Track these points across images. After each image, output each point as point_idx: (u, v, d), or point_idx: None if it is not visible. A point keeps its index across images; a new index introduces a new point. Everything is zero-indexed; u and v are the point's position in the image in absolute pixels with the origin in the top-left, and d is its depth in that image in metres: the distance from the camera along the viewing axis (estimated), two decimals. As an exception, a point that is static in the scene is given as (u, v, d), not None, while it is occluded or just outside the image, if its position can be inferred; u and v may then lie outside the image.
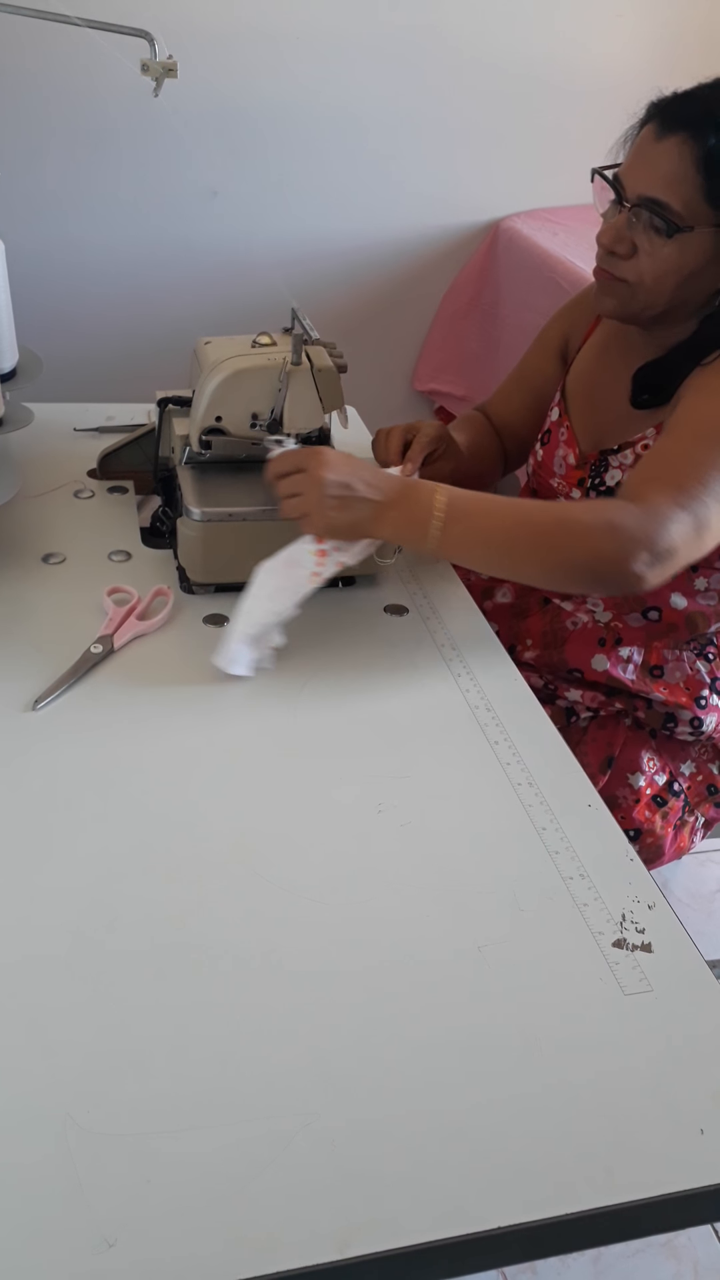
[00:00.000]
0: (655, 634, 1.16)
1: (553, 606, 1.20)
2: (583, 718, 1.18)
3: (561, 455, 1.17)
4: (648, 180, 0.96)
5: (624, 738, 1.16)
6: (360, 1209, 0.55)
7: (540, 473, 1.21)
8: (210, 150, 2.01)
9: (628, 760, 1.15)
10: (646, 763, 1.15)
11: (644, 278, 1.00)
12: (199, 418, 1.03)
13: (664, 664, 1.16)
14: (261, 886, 0.72)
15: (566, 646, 1.18)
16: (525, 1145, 0.58)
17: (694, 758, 1.20)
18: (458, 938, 0.70)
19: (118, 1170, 0.55)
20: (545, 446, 1.21)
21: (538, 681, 1.19)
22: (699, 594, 1.14)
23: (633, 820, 1.12)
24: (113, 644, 0.93)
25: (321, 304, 2.22)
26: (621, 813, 1.12)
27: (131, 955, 0.67)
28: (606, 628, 1.17)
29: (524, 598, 1.23)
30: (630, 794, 1.13)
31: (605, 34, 2.10)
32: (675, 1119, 0.60)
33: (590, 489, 1.14)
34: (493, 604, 1.25)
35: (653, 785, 1.15)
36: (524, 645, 1.20)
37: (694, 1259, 1.26)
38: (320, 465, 0.90)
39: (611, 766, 1.14)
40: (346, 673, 0.94)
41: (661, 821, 1.14)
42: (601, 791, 1.12)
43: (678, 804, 1.16)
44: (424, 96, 2.07)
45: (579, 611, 1.18)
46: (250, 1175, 0.56)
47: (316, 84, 2.01)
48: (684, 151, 0.94)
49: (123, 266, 2.10)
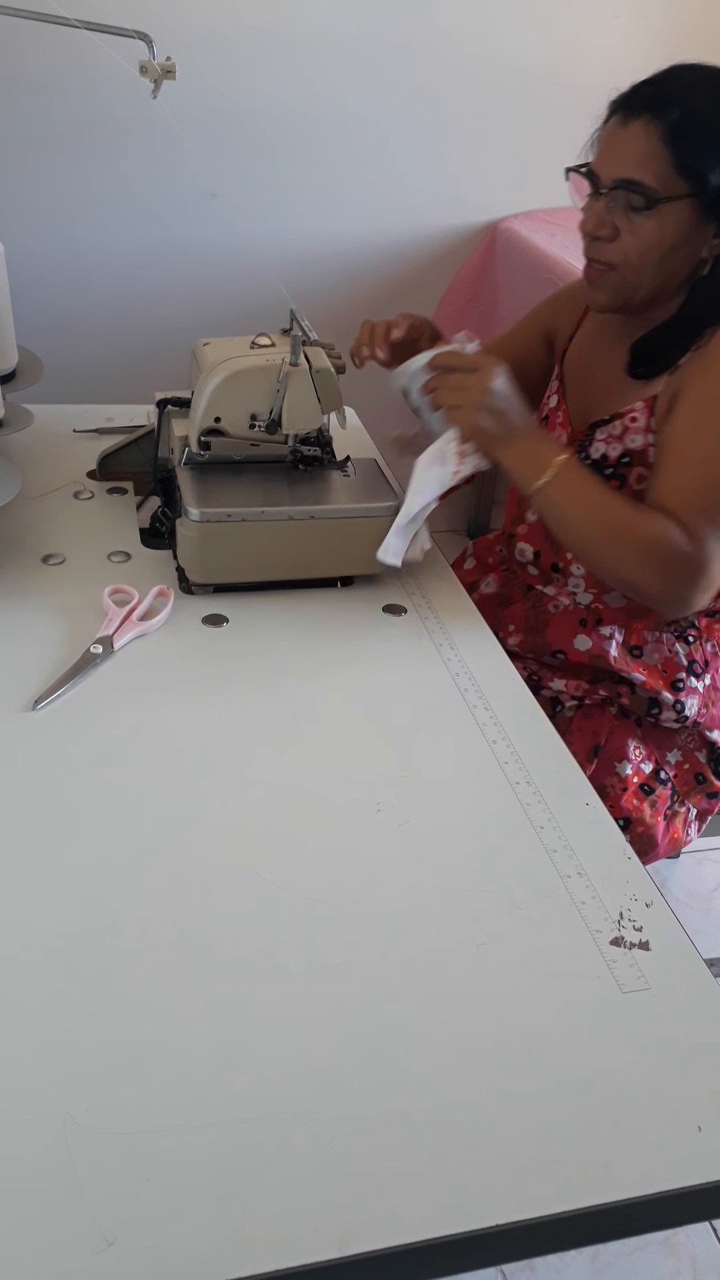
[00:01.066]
0: (636, 614, 1.17)
1: (534, 593, 1.22)
2: (568, 707, 1.19)
3: (556, 436, 1.19)
4: (619, 164, 1.00)
5: (610, 726, 1.17)
6: (359, 1206, 0.55)
7: None
8: (209, 152, 2.01)
9: (614, 749, 1.16)
10: (633, 751, 1.16)
11: (629, 256, 1.02)
12: (198, 418, 1.03)
13: (644, 644, 1.17)
14: (260, 885, 0.72)
15: (549, 630, 1.19)
16: (523, 1143, 0.59)
17: (680, 746, 1.21)
18: (456, 936, 0.70)
19: (117, 1168, 0.55)
20: (542, 423, 1.22)
21: (522, 671, 1.19)
22: None
23: (621, 809, 1.13)
24: (112, 644, 0.93)
25: (320, 305, 2.22)
26: (610, 801, 1.13)
27: (130, 954, 0.67)
28: (587, 609, 1.18)
29: (508, 586, 1.25)
30: (618, 782, 1.14)
31: (602, 35, 2.10)
32: (673, 1116, 0.60)
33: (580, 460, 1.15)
34: (479, 595, 1.27)
35: (639, 774, 1.15)
36: (506, 631, 1.22)
37: (692, 1257, 1.26)
38: (493, 375, 0.99)
39: (598, 755, 1.15)
40: (345, 672, 0.95)
41: (650, 810, 1.15)
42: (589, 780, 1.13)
43: (666, 792, 1.17)
44: (422, 98, 2.07)
45: (560, 595, 1.20)
46: (249, 1173, 0.56)
47: (315, 85, 2.01)
48: (650, 131, 0.98)
49: (122, 268, 2.10)
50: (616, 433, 1.11)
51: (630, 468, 1.10)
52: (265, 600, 1.03)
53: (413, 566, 1.11)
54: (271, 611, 1.02)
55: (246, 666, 0.94)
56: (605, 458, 1.12)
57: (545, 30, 2.06)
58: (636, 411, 1.10)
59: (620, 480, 1.11)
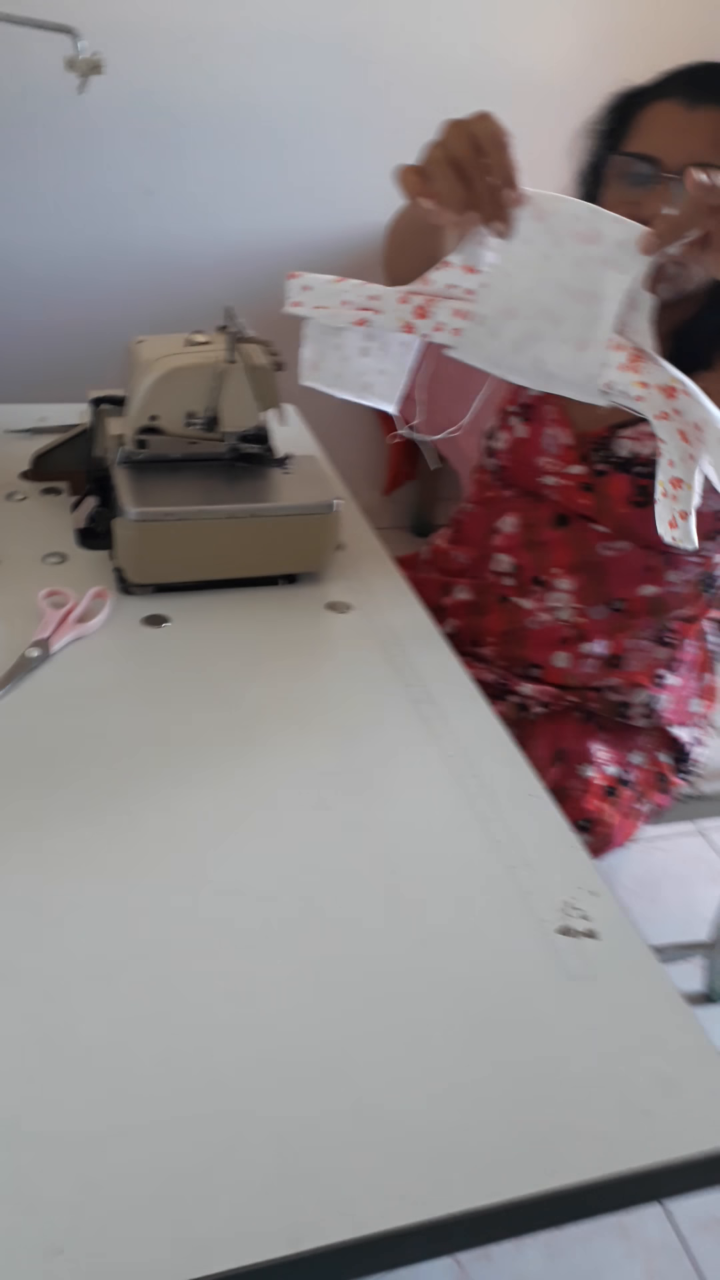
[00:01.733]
0: (619, 625, 1.17)
1: (511, 604, 1.20)
2: (534, 712, 1.19)
3: (552, 435, 1.15)
4: (694, 147, 0.95)
5: (574, 729, 1.17)
6: (311, 1202, 0.55)
7: (522, 450, 1.18)
8: (144, 148, 1.99)
9: (578, 752, 1.16)
10: (597, 754, 1.16)
11: None
12: (134, 416, 1.02)
13: (624, 653, 1.17)
14: (205, 886, 0.72)
15: (528, 645, 1.18)
16: (473, 1132, 0.59)
17: (641, 747, 1.21)
18: (403, 931, 0.70)
19: (62, 1175, 0.54)
20: (528, 424, 1.18)
21: (490, 677, 1.19)
22: (669, 585, 1.16)
23: (583, 811, 1.13)
24: (49, 647, 0.92)
25: (257, 302, 2.21)
26: (572, 803, 1.13)
27: (70, 956, 0.66)
28: (570, 625, 1.17)
29: (482, 595, 1.23)
30: (580, 785, 1.14)
31: (537, 33, 2.12)
32: (621, 1101, 0.61)
33: (597, 463, 1.11)
34: (451, 600, 1.24)
35: (603, 776, 1.16)
36: (485, 643, 1.20)
37: (645, 1240, 1.28)
38: None
39: (562, 759, 1.15)
40: (290, 671, 0.94)
41: (612, 810, 1.15)
42: (552, 784, 1.13)
43: (629, 794, 1.18)
44: (360, 96, 2.07)
45: (539, 611, 1.18)
46: (198, 1174, 0.55)
47: (252, 81, 2.00)
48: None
49: (54, 266, 2.07)
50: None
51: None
52: (207, 599, 1.02)
53: (357, 563, 1.11)
54: (213, 611, 1.01)
55: (189, 667, 0.93)
56: (635, 455, 1.09)
57: (486, 29, 2.08)
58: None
59: (650, 478, 1.08)
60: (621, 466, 1.10)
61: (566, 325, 0.81)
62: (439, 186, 0.78)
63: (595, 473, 1.11)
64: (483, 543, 1.22)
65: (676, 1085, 0.62)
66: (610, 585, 1.15)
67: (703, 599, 1.19)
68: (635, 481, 1.09)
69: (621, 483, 1.09)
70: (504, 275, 0.81)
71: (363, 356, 0.87)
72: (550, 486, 1.15)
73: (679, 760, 1.24)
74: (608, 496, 1.10)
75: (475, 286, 0.82)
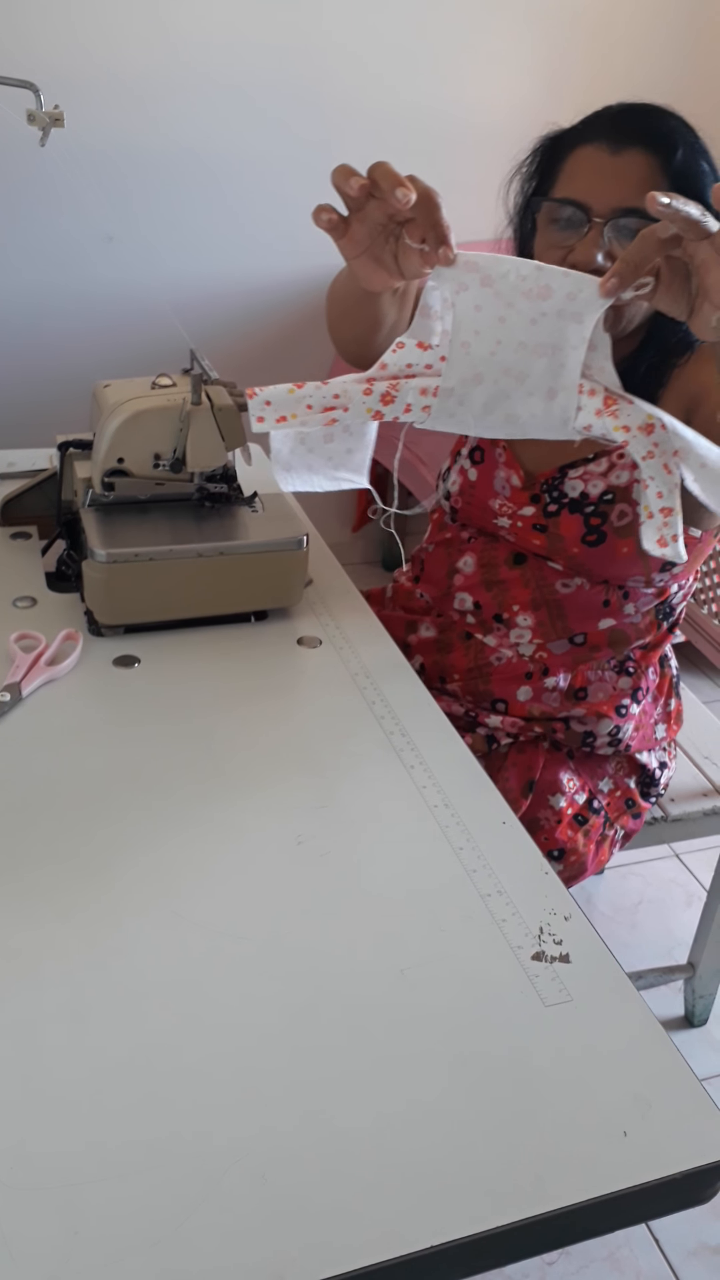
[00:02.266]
0: (580, 658, 1.18)
1: (474, 641, 1.21)
2: (503, 744, 1.20)
3: (504, 476, 1.16)
4: (620, 192, 0.97)
5: (543, 760, 1.18)
6: (294, 1240, 0.55)
7: (474, 492, 1.19)
8: (102, 197, 2.02)
9: (547, 782, 1.17)
10: (566, 783, 1.17)
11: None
12: (100, 459, 1.03)
13: (588, 685, 1.18)
14: (180, 924, 0.72)
15: (493, 681, 1.19)
16: (455, 1162, 0.59)
17: (610, 774, 1.23)
18: (380, 962, 0.70)
19: (44, 1224, 0.54)
20: (479, 466, 1.18)
21: (458, 710, 1.20)
22: (627, 617, 1.17)
23: (556, 841, 1.14)
24: (20, 691, 0.92)
25: (221, 345, 2.24)
26: (544, 834, 1.14)
27: (48, 1002, 0.65)
28: (532, 659, 1.18)
29: (446, 632, 1.23)
30: (552, 815, 1.15)
31: (490, 76, 2.18)
32: (599, 1123, 0.61)
33: (549, 503, 1.12)
34: (417, 638, 1.25)
35: (573, 805, 1.17)
36: (451, 679, 1.21)
37: (637, 1270, 1.27)
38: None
39: (533, 790, 1.16)
40: (261, 705, 0.95)
41: (584, 840, 1.16)
42: (523, 815, 1.14)
43: (598, 821, 1.19)
44: (315, 141, 2.12)
45: (502, 647, 1.19)
46: (181, 1216, 0.55)
47: (207, 130, 2.04)
48: (649, 161, 0.98)
49: (18, 314, 2.09)
50: (600, 470, 1.09)
51: (612, 504, 1.09)
52: (177, 638, 1.03)
53: (326, 598, 1.12)
54: (184, 649, 1.02)
55: (161, 706, 0.93)
56: (585, 496, 1.10)
57: (434, 72, 2.13)
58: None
59: (601, 518, 1.10)
60: (572, 507, 1.11)
61: (532, 379, 0.83)
62: (357, 233, 0.81)
63: (547, 513, 1.13)
64: (444, 581, 1.23)
65: (652, 1106, 0.62)
66: (570, 620, 1.16)
67: (662, 627, 1.21)
68: (587, 521, 1.10)
69: (573, 523, 1.11)
70: (461, 345, 0.83)
71: (328, 443, 0.87)
72: (504, 528, 1.17)
73: (646, 784, 1.25)
74: (560, 537, 1.12)
75: (434, 361, 0.84)
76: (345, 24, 2.04)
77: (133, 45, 1.92)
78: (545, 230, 1.03)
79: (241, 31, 1.97)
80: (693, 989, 1.54)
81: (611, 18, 2.21)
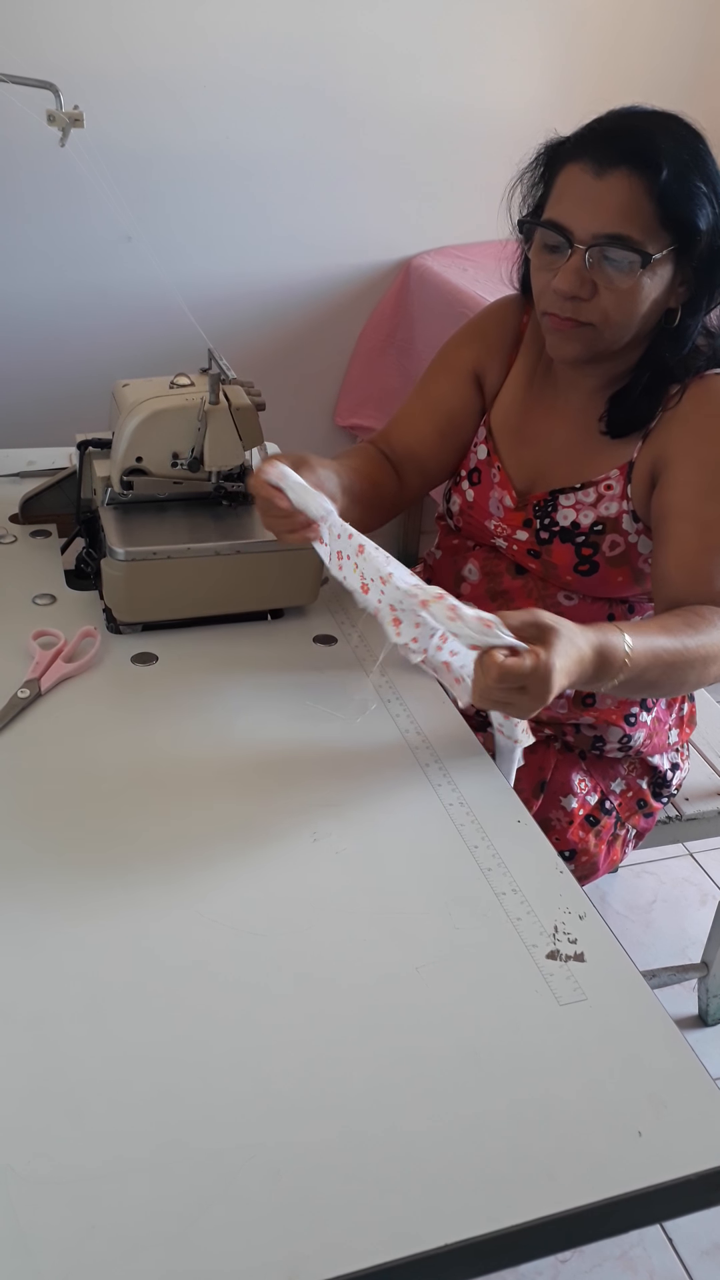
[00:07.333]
0: None
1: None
2: None
3: (498, 497, 1.16)
4: (601, 218, 0.95)
5: (555, 760, 1.18)
6: (308, 1237, 0.55)
7: (471, 513, 1.19)
8: (122, 197, 2.03)
9: (559, 783, 1.17)
10: (578, 784, 1.17)
11: (611, 315, 0.98)
12: (119, 458, 1.03)
13: (595, 692, 1.18)
14: (198, 919, 0.72)
15: None
16: (469, 1160, 0.59)
17: (623, 775, 1.22)
18: (396, 960, 0.71)
19: (61, 1218, 0.55)
20: (476, 487, 1.18)
21: (470, 709, 1.20)
22: None
23: (568, 841, 1.14)
24: (40, 687, 0.93)
25: (238, 344, 2.24)
26: (556, 834, 1.14)
27: (66, 999, 0.66)
28: None
29: None
30: (564, 816, 1.15)
31: (503, 76, 2.17)
32: (613, 1123, 0.62)
33: (540, 529, 1.12)
34: None
35: (585, 805, 1.17)
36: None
37: (650, 1269, 1.27)
38: (545, 690, 0.79)
39: (544, 790, 1.16)
40: (277, 704, 0.95)
41: (595, 840, 1.16)
42: (535, 815, 1.13)
43: (610, 821, 1.19)
44: (332, 140, 2.11)
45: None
46: (196, 1212, 0.55)
47: (225, 129, 2.04)
48: (632, 184, 0.94)
49: (39, 313, 2.10)
50: (590, 500, 1.09)
51: (603, 535, 1.09)
52: (195, 636, 1.03)
53: (341, 597, 1.12)
54: (201, 647, 1.02)
55: (178, 703, 0.94)
56: (576, 525, 1.10)
57: (447, 72, 2.13)
58: (611, 479, 1.08)
59: (593, 548, 1.09)
60: (564, 536, 1.11)
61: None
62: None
63: (539, 540, 1.13)
64: (451, 588, 1.23)
65: (667, 1106, 0.62)
66: None
67: None
68: (579, 550, 1.10)
69: (565, 552, 1.11)
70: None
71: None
72: (502, 548, 1.17)
73: (658, 785, 1.25)
74: (553, 565, 1.12)
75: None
76: (360, 24, 2.03)
77: (151, 46, 1.93)
78: (537, 249, 1.02)
79: (257, 33, 1.97)
80: (706, 988, 1.53)
81: (623, 16, 2.20)
